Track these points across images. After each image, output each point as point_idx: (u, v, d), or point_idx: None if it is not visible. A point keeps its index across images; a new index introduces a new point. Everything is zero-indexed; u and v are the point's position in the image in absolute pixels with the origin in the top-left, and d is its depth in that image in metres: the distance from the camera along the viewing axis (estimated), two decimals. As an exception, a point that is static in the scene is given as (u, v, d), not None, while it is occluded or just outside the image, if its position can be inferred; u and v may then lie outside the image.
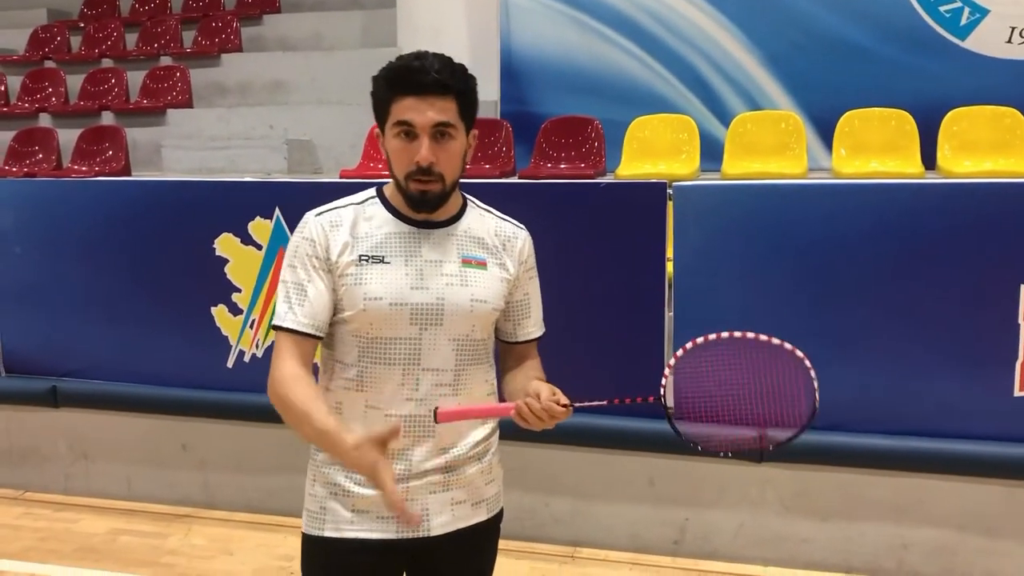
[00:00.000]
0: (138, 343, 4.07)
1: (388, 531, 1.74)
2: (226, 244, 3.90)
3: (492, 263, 1.77)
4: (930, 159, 5.46)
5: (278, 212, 3.80)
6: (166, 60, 8.45)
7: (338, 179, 5.61)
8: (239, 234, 3.88)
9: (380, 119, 1.70)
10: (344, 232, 1.71)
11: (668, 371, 1.73)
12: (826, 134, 5.91)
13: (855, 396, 3.29)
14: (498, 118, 6.66)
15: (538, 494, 3.64)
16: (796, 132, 5.77)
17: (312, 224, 1.72)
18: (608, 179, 5.66)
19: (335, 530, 1.75)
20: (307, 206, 1.77)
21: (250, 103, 7.85)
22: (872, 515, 3.34)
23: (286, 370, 1.67)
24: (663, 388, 1.71)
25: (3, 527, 3.91)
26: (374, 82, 1.69)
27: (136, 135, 7.38)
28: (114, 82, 8.15)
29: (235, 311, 3.93)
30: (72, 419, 4.18)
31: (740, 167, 5.53)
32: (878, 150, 5.54)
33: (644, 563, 3.50)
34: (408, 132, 1.64)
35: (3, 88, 8.46)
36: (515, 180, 5.67)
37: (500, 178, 5.77)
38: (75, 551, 3.68)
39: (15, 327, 4.26)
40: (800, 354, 1.71)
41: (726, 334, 1.72)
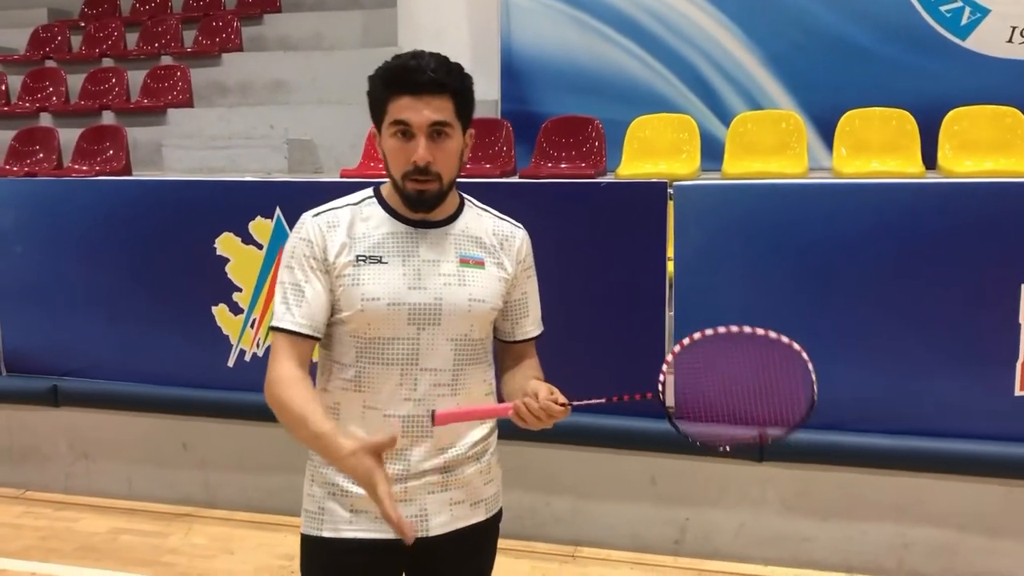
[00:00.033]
0: (139, 342, 4.07)
1: (386, 531, 1.71)
2: (227, 243, 3.90)
3: (490, 262, 1.77)
4: (931, 159, 5.47)
5: (279, 212, 3.80)
6: (167, 60, 8.45)
7: (339, 179, 5.61)
8: (240, 233, 3.88)
9: (376, 119, 1.70)
10: (341, 233, 1.70)
11: (666, 367, 1.73)
12: (827, 134, 5.91)
13: (855, 395, 3.29)
14: (499, 118, 6.67)
15: (539, 493, 3.64)
16: (797, 132, 5.78)
17: (309, 225, 1.72)
18: (609, 179, 5.67)
19: (333, 530, 1.75)
20: (308, 206, 1.77)
21: (251, 103, 7.86)
22: (873, 514, 3.34)
23: (283, 372, 1.66)
24: (661, 384, 1.71)
25: (4, 526, 3.91)
26: (370, 82, 1.68)
27: (137, 135, 7.38)
28: (115, 82, 8.16)
29: (236, 310, 3.93)
30: (73, 418, 4.18)
31: (741, 167, 5.53)
32: (879, 150, 5.54)
33: (645, 562, 3.50)
34: (405, 132, 1.64)
35: (4, 87, 8.46)
36: (516, 180, 5.68)
37: (501, 178, 5.78)
38: (76, 550, 3.68)
39: (16, 326, 4.27)
40: (797, 347, 1.71)
41: (723, 329, 1.71)
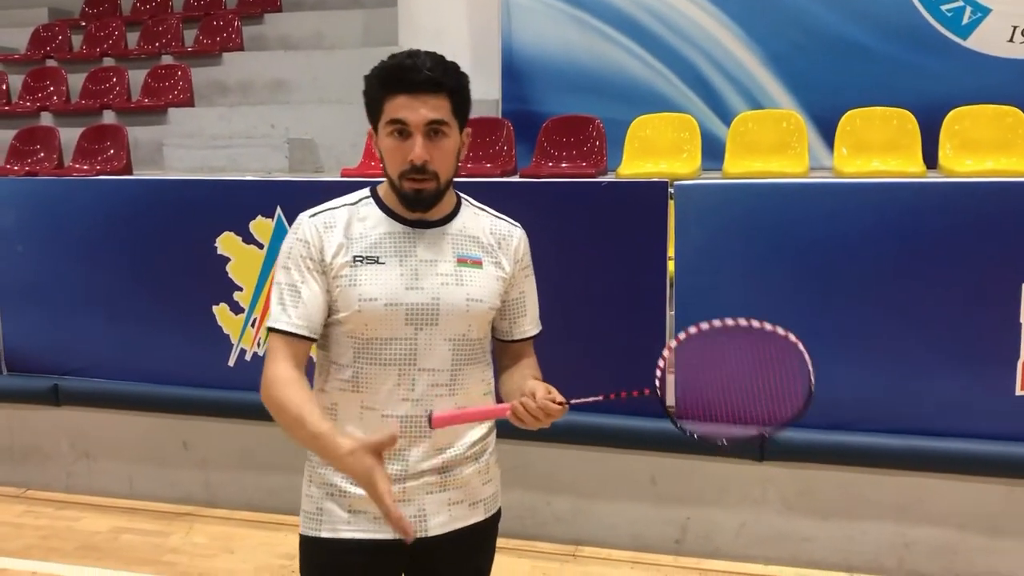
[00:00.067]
0: (139, 342, 4.07)
1: (385, 531, 1.72)
2: (227, 243, 3.90)
3: (488, 262, 1.76)
4: (931, 158, 5.47)
5: (279, 211, 3.80)
6: (167, 59, 8.46)
7: (339, 178, 5.61)
8: (240, 233, 3.88)
9: (373, 118, 1.69)
10: (338, 233, 1.70)
11: (662, 362, 1.72)
12: (827, 133, 5.91)
13: (856, 395, 3.29)
14: (499, 117, 6.67)
15: (539, 492, 3.64)
16: (797, 131, 5.77)
17: (306, 225, 1.72)
18: (609, 178, 5.67)
19: (332, 531, 1.74)
20: (308, 205, 1.77)
21: (251, 102, 7.86)
22: (873, 514, 3.34)
23: (279, 373, 1.65)
24: (658, 380, 1.70)
25: (5, 525, 3.91)
26: (366, 81, 1.68)
27: (137, 134, 7.39)
28: (115, 81, 8.16)
29: (236, 310, 3.93)
30: (74, 417, 4.18)
31: (741, 166, 5.53)
32: (879, 149, 5.54)
33: (646, 562, 3.50)
34: (401, 131, 1.63)
35: (5, 87, 8.47)
36: (516, 179, 5.67)
37: (501, 177, 5.77)
38: (77, 549, 3.69)
39: (17, 325, 4.27)
40: (793, 338, 1.70)
41: (718, 322, 1.70)
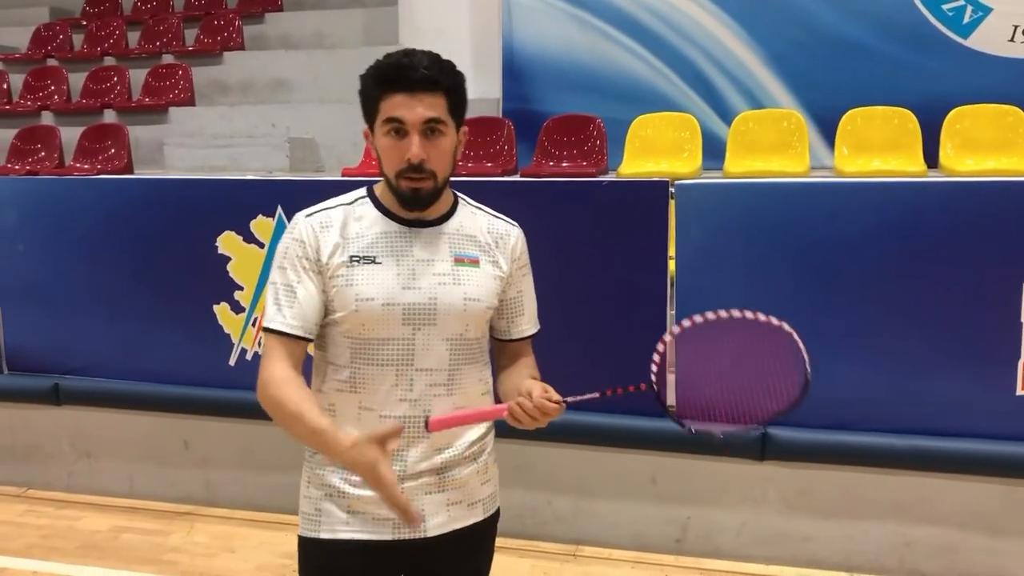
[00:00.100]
0: (140, 341, 4.07)
1: (384, 532, 1.72)
2: (228, 242, 3.90)
3: (485, 261, 1.76)
4: (932, 158, 5.46)
5: (280, 210, 3.80)
6: (168, 58, 8.46)
7: (340, 177, 5.61)
8: (241, 232, 3.88)
9: (369, 118, 1.69)
10: (334, 233, 1.70)
11: (657, 357, 1.71)
12: (828, 132, 5.91)
13: (857, 395, 3.29)
14: (500, 116, 6.66)
15: (540, 492, 3.64)
16: (798, 130, 5.77)
17: (302, 225, 1.71)
18: (610, 177, 5.66)
19: (331, 532, 1.74)
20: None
21: (252, 101, 7.87)
22: (874, 513, 3.34)
23: (276, 372, 1.65)
24: (653, 375, 1.69)
25: (6, 524, 3.91)
26: (362, 80, 1.67)
27: (138, 133, 7.39)
28: (116, 80, 8.16)
29: (237, 309, 3.93)
30: (74, 417, 4.19)
31: (742, 165, 5.53)
32: (880, 149, 5.53)
33: (646, 561, 3.50)
34: (398, 129, 1.63)
35: (6, 86, 8.47)
36: (517, 178, 5.67)
37: (502, 176, 5.77)
38: (77, 548, 3.69)
39: (18, 325, 4.27)
40: (787, 328, 1.69)
41: (711, 314, 1.69)
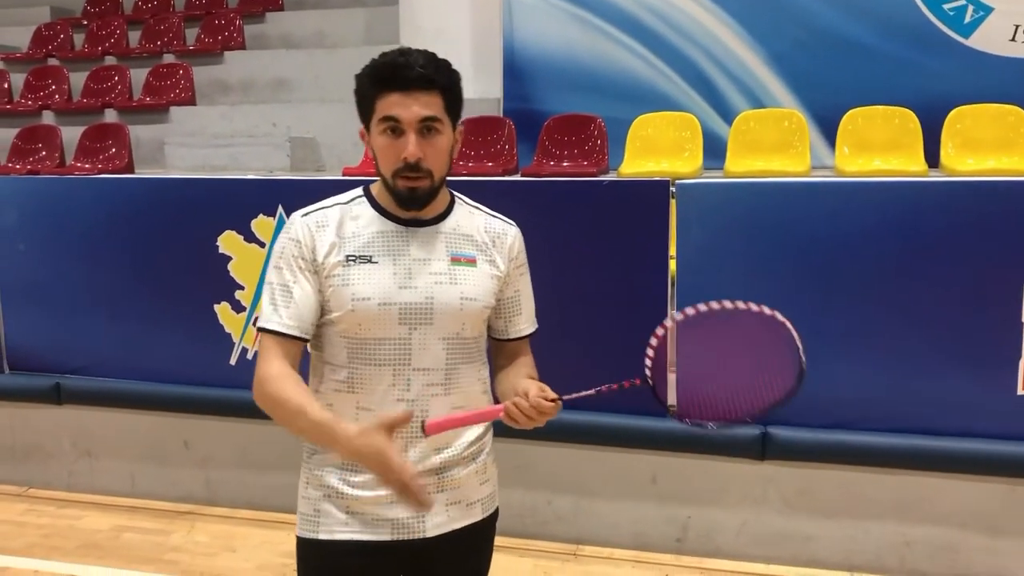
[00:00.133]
0: (141, 340, 4.08)
1: (382, 533, 1.72)
2: (229, 241, 3.91)
3: (482, 260, 1.75)
4: (933, 157, 5.46)
5: (281, 210, 3.80)
6: (169, 58, 8.46)
7: (341, 177, 5.61)
8: (242, 231, 3.88)
9: (365, 117, 1.69)
10: (330, 232, 1.69)
11: (651, 351, 1.71)
12: (829, 132, 5.91)
13: (857, 394, 3.29)
14: (501, 116, 6.66)
15: (541, 491, 3.64)
16: (799, 130, 5.77)
17: (298, 225, 1.71)
18: (611, 177, 5.66)
19: (329, 532, 1.74)
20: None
21: (253, 101, 7.87)
22: (875, 513, 3.34)
23: (273, 369, 1.65)
24: (648, 369, 1.69)
25: (7, 524, 3.91)
26: (357, 80, 1.67)
27: (139, 132, 7.39)
28: (117, 79, 8.16)
29: (238, 308, 3.94)
30: (76, 416, 4.19)
31: (743, 165, 5.52)
32: (881, 148, 5.53)
33: (647, 561, 3.50)
34: (394, 128, 1.63)
35: (7, 85, 8.47)
36: (518, 178, 5.67)
37: (503, 176, 5.77)
38: (78, 548, 3.69)
39: (19, 324, 4.27)
40: (781, 317, 1.68)
41: (703, 306, 1.68)
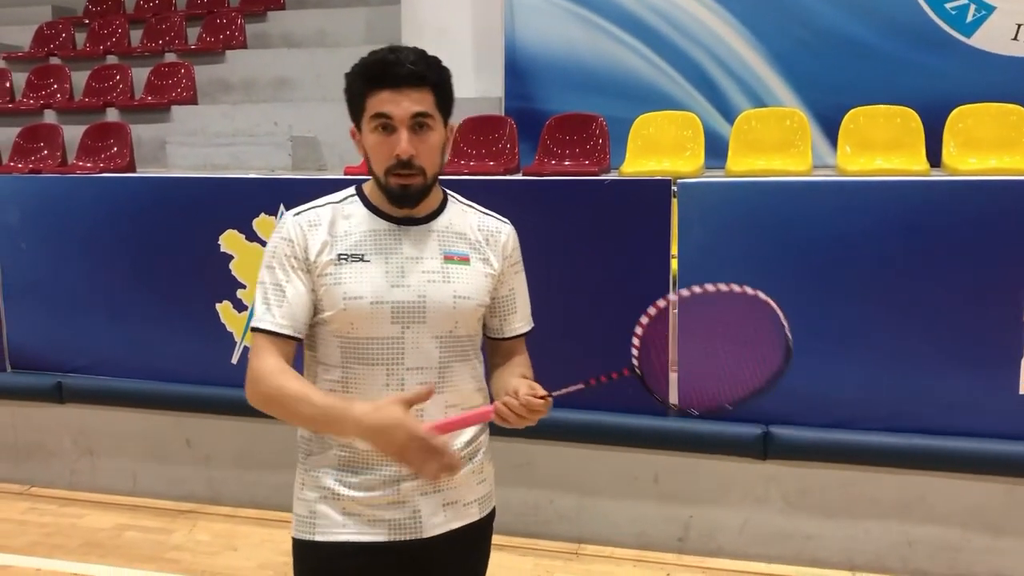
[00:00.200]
0: (143, 339, 4.08)
1: (380, 534, 1.71)
2: (231, 240, 3.91)
3: (475, 258, 1.74)
4: (935, 156, 5.45)
5: (282, 209, 3.81)
6: (171, 57, 8.46)
7: (342, 176, 5.61)
8: (244, 230, 3.89)
9: (355, 116, 1.68)
10: (323, 231, 1.68)
11: (637, 340, 1.70)
12: (831, 131, 5.90)
13: (859, 393, 3.30)
14: (502, 115, 6.66)
15: (543, 491, 3.64)
16: (801, 129, 5.76)
17: (290, 224, 1.70)
18: (612, 176, 5.66)
19: (326, 534, 1.73)
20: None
21: (255, 100, 7.87)
22: (876, 512, 3.34)
23: (269, 365, 1.64)
24: (635, 359, 1.69)
25: (9, 522, 3.92)
26: (347, 78, 1.67)
27: (141, 131, 7.39)
28: (119, 79, 8.17)
29: (240, 307, 3.94)
30: (77, 415, 4.19)
31: (745, 164, 5.52)
32: (883, 147, 5.52)
33: (648, 560, 3.50)
34: (386, 125, 1.62)
35: (8, 84, 8.47)
36: (519, 177, 5.67)
37: (504, 175, 5.77)
38: (80, 546, 3.69)
39: (21, 323, 4.28)
40: (764, 296, 1.69)
41: (685, 291, 1.70)
